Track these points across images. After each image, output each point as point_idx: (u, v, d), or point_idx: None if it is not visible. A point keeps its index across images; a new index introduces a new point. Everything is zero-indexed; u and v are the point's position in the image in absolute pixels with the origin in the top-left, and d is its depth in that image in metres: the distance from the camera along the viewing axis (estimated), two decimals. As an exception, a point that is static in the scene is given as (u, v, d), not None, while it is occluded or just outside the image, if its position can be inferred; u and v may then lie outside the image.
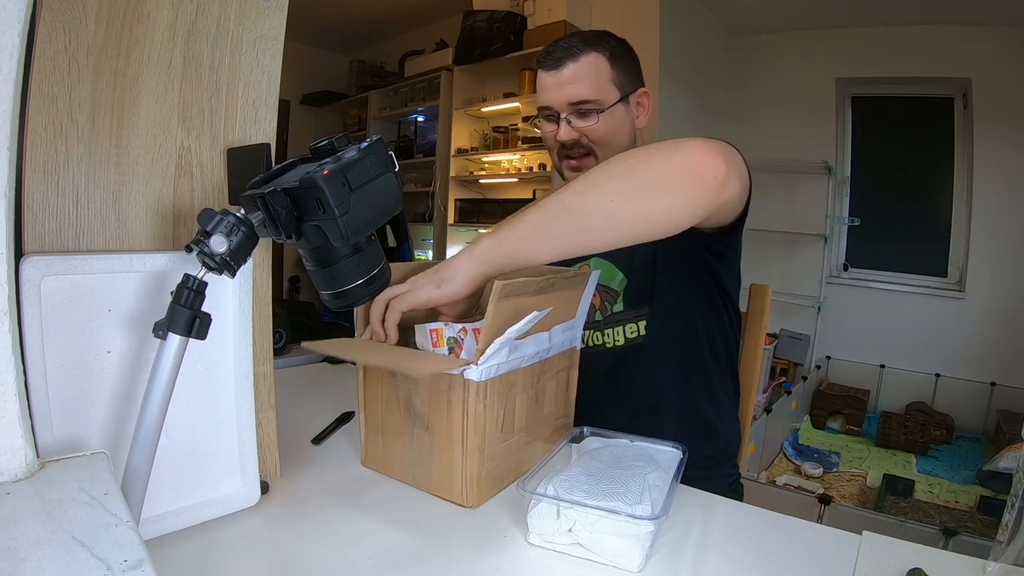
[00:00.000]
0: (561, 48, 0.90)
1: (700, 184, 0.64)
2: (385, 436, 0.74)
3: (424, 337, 0.70)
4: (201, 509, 0.61)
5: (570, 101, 0.90)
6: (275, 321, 0.73)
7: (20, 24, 0.38)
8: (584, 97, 0.89)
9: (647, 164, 0.65)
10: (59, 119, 0.54)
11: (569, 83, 0.89)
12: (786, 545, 0.63)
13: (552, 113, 0.92)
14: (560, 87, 0.90)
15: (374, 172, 0.51)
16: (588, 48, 0.89)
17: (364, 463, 0.78)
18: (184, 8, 0.61)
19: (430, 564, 0.57)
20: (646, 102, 0.96)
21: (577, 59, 0.88)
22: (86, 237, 0.57)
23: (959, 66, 3.04)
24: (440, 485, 0.69)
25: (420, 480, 0.71)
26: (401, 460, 0.73)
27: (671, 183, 0.64)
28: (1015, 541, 0.53)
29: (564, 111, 0.91)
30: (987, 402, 3.08)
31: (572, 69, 0.89)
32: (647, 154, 0.66)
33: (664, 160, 0.65)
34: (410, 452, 0.71)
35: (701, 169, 0.64)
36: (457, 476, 0.67)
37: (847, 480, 2.59)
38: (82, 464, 0.43)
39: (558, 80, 0.90)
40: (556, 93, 0.90)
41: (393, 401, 0.72)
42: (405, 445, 0.71)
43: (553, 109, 0.92)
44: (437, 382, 0.66)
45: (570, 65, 0.89)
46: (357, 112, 4.51)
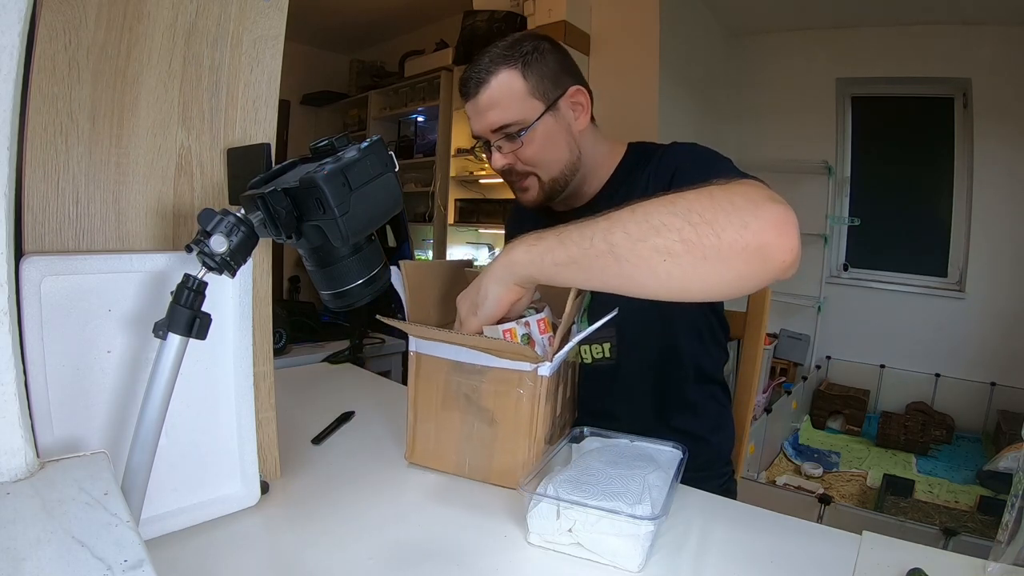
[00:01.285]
0: (473, 74, 0.85)
1: (766, 265, 0.55)
2: (439, 431, 0.76)
3: (497, 336, 0.72)
4: (201, 509, 0.61)
5: (492, 128, 0.86)
6: (275, 321, 0.73)
7: (20, 24, 0.38)
8: (504, 121, 0.84)
9: (714, 229, 0.55)
10: (59, 119, 0.54)
11: (487, 109, 0.85)
12: (786, 545, 0.63)
13: (485, 141, 0.89)
14: (480, 115, 0.86)
15: (374, 172, 0.51)
16: (497, 67, 0.84)
17: (409, 459, 0.79)
18: (184, 8, 0.61)
19: (430, 564, 0.57)
20: (583, 100, 0.90)
21: (488, 83, 0.84)
22: (86, 237, 0.57)
23: (959, 66, 3.04)
24: (502, 475, 0.72)
25: (478, 471, 0.74)
26: (457, 453, 0.75)
27: (735, 260, 0.55)
28: (1015, 541, 0.53)
29: (491, 139, 0.87)
30: (987, 402, 3.08)
31: (485, 95, 0.84)
32: (716, 214, 0.55)
33: (735, 230, 0.54)
34: (469, 445, 0.74)
35: (773, 248, 0.55)
36: (520, 465, 0.71)
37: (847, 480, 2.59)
38: (82, 464, 0.43)
39: (477, 108, 0.86)
40: (478, 122, 0.87)
41: (451, 397, 0.74)
42: (463, 439, 0.74)
43: (482, 138, 0.88)
44: (507, 377, 0.70)
45: (483, 91, 0.84)
46: (357, 112, 4.51)
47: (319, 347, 1.76)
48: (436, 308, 0.85)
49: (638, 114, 2.84)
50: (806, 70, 3.43)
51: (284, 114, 4.34)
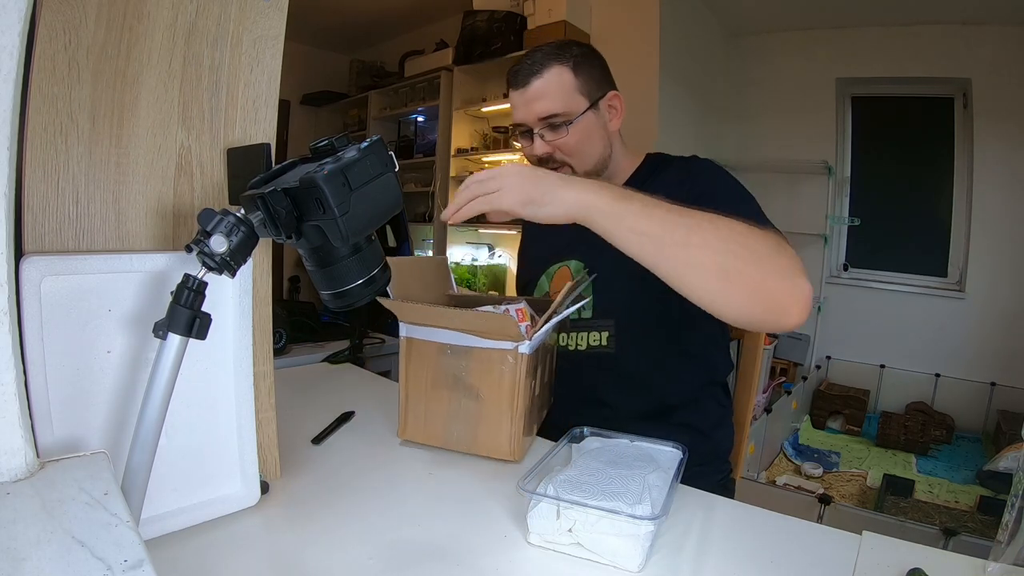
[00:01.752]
0: (526, 66, 0.92)
1: (779, 322, 0.66)
2: (428, 409, 0.83)
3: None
4: (201, 509, 0.61)
5: (539, 116, 0.92)
6: (275, 321, 0.73)
7: (20, 24, 0.38)
8: (552, 111, 0.91)
9: (773, 278, 0.65)
10: (59, 119, 0.54)
11: (536, 99, 0.92)
12: (786, 545, 0.63)
13: (526, 129, 0.95)
14: (528, 104, 0.92)
15: (374, 172, 0.51)
16: (551, 62, 0.91)
17: (402, 436, 0.85)
18: (184, 8, 0.61)
19: (430, 564, 0.57)
20: (618, 104, 0.98)
21: (541, 75, 0.91)
22: (86, 237, 0.57)
23: (959, 66, 3.04)
24: (487, 447, 0.80)
25: (464, 443, 0.82)
26: (445, 429, 0.83)
27: (767, 307, 0.65)
28: (1015, 541, 0.53)
29: (535, 127, 0.93)
30: (987, 402, 3.08)
31: (537, 85, 0.91)
32: (778, 267, 0.65)
33: (786, 290, 0.65)
34: (456, 421, 0.82)
35: (792, 316, 0.65)
36: (505, 437, 0.79)
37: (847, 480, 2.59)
38: (82, 464, 0.43)
39: (525, 97, 0.92)
40: (525, 110, 0.93)
41: (441, 378, 0.81)
42: (451, 415, 0.82)
43: (525, 126, 0.95)
44: (491, 356, 0.78)
45: (535, 82, 0.91)
46: (357, 112, 4.51)
47: (319, 347, 1.76)
48: (420, 300, 0.89)
49: (638, 114, 2.84)
50: (806, 70, 3.42)
51: (284, 114, 4.34)
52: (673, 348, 0.93)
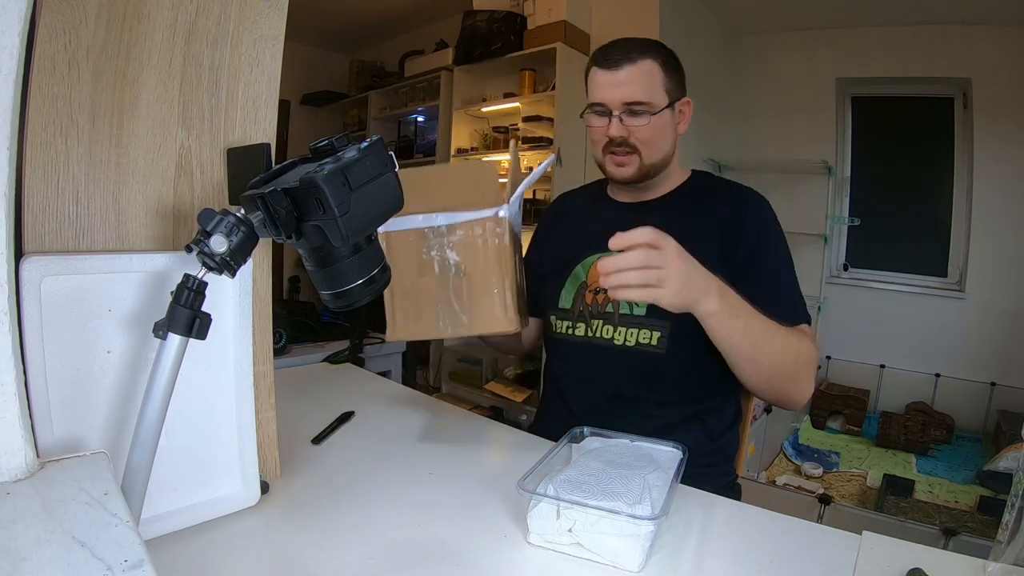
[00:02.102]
0: (619, 50, 0.95)
1: (784, 406, 0.92)
2: (417, 299, 0.82)
3: None
4: (201, 509, 0.61)
5: (625, 101, 0.94)
6: (275, 321, 0.73)
7: (20, 24, 0.38)
8: (638, 98, 0.94)
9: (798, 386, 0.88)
10: (59, 119, 0.54)
11: (625, 83, 0.94)
12: (786, 545, 0.63)
13: (604, 110, 0.96)
14: (616, 86, 0.94)
15: (374, 172, 0.51)
16: (644, 54, 0.94)
17: (394, 336, 0.83)
18: (184, 8, 0.61)
19: (430, 564, 0.57)
20: (687, 111, 1.02)
21: (634, 63, 0.94)
22: (86, 237, 0.57)
23: (959, 66, 3.04)
24: (483, 322, 0.79)
25: (461, 326, 0.80)
26: (438, 315, 0.81)
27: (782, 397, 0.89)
28: (1015, 541, 0.53)
29: (617, 109, 0.95)
30: (987, 402, 3.08)
31: (629, 71, 0.94)
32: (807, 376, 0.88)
33: (798, 392, 0.88)
34: (447, 305, 0.81)
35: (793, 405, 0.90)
36: (499, 306, 0.78)
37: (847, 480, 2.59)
38: (82, 464, 0.43)
39: (615, 79, 0.94)
40: (612, 91, 0.95)
41: (424, 265, 0.81)
42: (441, 300, 0.81)
43: (606, 106, 0.96)
44: (471, 228, 0.78)
45: (627, 67, 0.94)
46: (357, 112, 4.51)
47: (319, 347, 1.76)
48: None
49: (638, 114, 2.83)
50: (806, 70, 3.42)
51: (284, 114, 4.34)
52: (716, 360, 0.93)
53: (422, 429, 0.97)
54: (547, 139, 3.11)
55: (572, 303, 1.02)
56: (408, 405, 1.10)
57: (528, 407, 3.20)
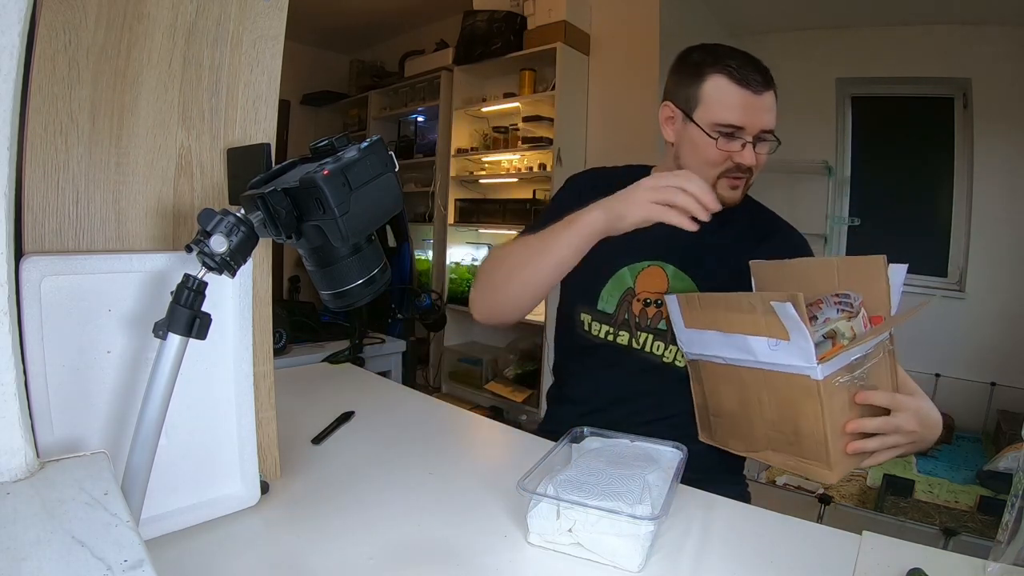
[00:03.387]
0: (761, 72, 0.89)
1: None
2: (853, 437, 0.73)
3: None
4: (201, 509, 0.61)
5: (764, 128, 0.89)
6: (275, 321, 0.73)
7: (20, 24, 0.38)
8: (773, 126, 0.90)
9: None
10: (59, 119, 0.54)
11: (767, 110, 0.89)
12: (786, 545, 0.63)
13: (739, 133, 0.89)
14: (760, 112, 0.89)
15: (374, 172, 0.51)
16: (772, 80, 0.90)
17: (836, 478, 0.72)
18: (184, 8, 0.61)
19: (430, 564, 0.57)
20: None
21: (771, 88, 0.90)
22: (86, 237, 0.57)
23: (959, 66, 3.03)
24: None
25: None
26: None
27: None
28: (1015, 541, 0.53)
29: (752, 135, 0.89)
30: (987, 402, 3.08)
31: (770, 97, 0.89)
32: None
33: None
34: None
35: None
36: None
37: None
38: (82, 464, 0.43)
39: (761, 104, 0.88)
40: (754, 116, 0.88)
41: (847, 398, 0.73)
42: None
43: (743, 130, 0.88)
44: (878, 352, 0.76)
45: (767, 93, 0.89)
46: (357, 112, 4.51)
47: (319, 347, 1.76)
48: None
49: (638, 114, 2.84)
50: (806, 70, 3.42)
51: (284, 114, 4.34)
52: None
53: (422, 429, 0.97)
54: (547, 139, 3.11)
55: (616, 308, 0.98)
56: (408, 405, 1.10)
57: (528, 407, 3.20)
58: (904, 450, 0.73)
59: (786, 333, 0.66)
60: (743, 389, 0.76)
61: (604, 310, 0.98)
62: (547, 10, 3.03)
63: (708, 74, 0.89)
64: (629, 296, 0.97)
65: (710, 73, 0.89)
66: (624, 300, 0.97)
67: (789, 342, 0.67)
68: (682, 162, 0.95)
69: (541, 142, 3.14)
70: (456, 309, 3.57)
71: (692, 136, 0.91)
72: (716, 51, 0.91)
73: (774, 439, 0.74)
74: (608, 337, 0.97)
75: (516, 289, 0.90)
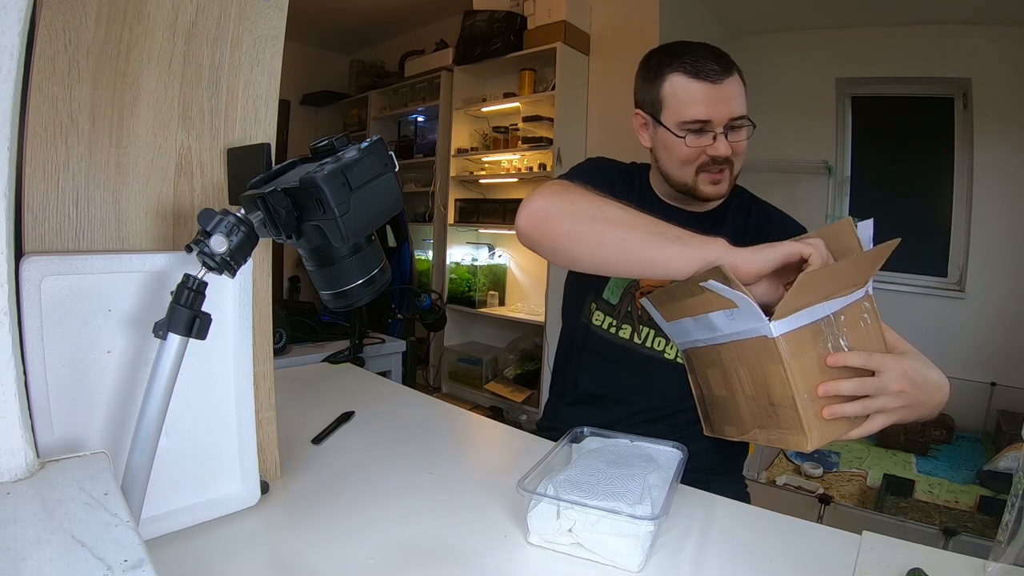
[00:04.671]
0: (717, 60, 0.87)
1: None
2: (828, 399, 0.70)
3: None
4: (201, 509, 0.61)
5: (732, 116, 0.88)
6: (275, 321, 0.73)
7: (20, 24, 0.38)
8: (742, 112, 0.89)
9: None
10: (59, 119, 0.54)
11: (731, 98, 0.87)
12: (786, 545, 0.63)
13: (706, 127, 0.87)
14: (725, 100, 0.87)
15: (374, 172, 0.51)
16: (733, 66, 0.88)
17: (813, 446, 0.69)
18: (184, 8, 0.61)
19: (430, 564, 0.57)
20: None
21: (732, 74, 0.88)
22: (86, 237, 0.57)
23: (959, 66, 3.03)
24: None
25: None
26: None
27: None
28: (1015, 541, 0.53)
29: (721, 126, 0.88)
30: (987, 402, 3.08)
31: (732, 83, 0.87)
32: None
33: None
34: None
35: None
36: None
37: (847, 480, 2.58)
38: (82, 464, 0.43)
39: (723, 93, 0.86)
40: (718, 106, 0.87)
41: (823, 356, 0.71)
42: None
43: (710, 123, 0.87)
44: (854, 308, 0.72)
45: (729, 80, 0.87)
46: (357, 112, 4.51)
47: (319, 347, 1.76)
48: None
49: (638, 114, 2.83)
50: (806, 70, 3.42)
51: (284, 114, 4.34)
52: None
53: (422, 429, 0.97)
54: (547, 139, 3.11)
55: (620, 300, 0.97)
56: (408, 405, 1.10)
57: (528, 407, 3.20)
58: (900, 415, 0.69)
59: (732, 302, 0.66)
60: (724, 370, 0.77)
61: (609, 300, 0.98)
62: (547, 10, 3.03)
63: (666, 74, 0.88)
64: (633, 289, 0.97)
65: (667, 73, 0.88)
66: (628, 292, 0.97)
67: (739, 308, 0.66)
68: (660, 165, 0.95)
69: (541, 142, 3.14)
70: (456, 309, 3.57)
71: (663, 139, 0.91)
72: (671, 50, 0.90)
73: (757, 415, 0.74)
74: (611, 329, 0.97)
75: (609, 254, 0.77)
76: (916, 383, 0.69)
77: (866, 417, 0.69)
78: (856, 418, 0.69)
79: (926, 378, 0.71)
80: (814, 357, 0.67)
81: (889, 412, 0.68)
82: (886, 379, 0.67)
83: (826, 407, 0.66)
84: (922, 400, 0.70)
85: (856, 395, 0.67)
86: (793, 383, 0.65)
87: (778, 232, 0.97)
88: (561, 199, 0.80)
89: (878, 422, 0.69)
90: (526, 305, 3.58)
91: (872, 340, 0.72)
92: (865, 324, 0.72)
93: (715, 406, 0.84)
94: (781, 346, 0.64)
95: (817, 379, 0.66)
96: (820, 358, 0.67)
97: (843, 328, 0.69)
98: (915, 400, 0.69)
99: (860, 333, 0.71)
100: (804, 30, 3.39)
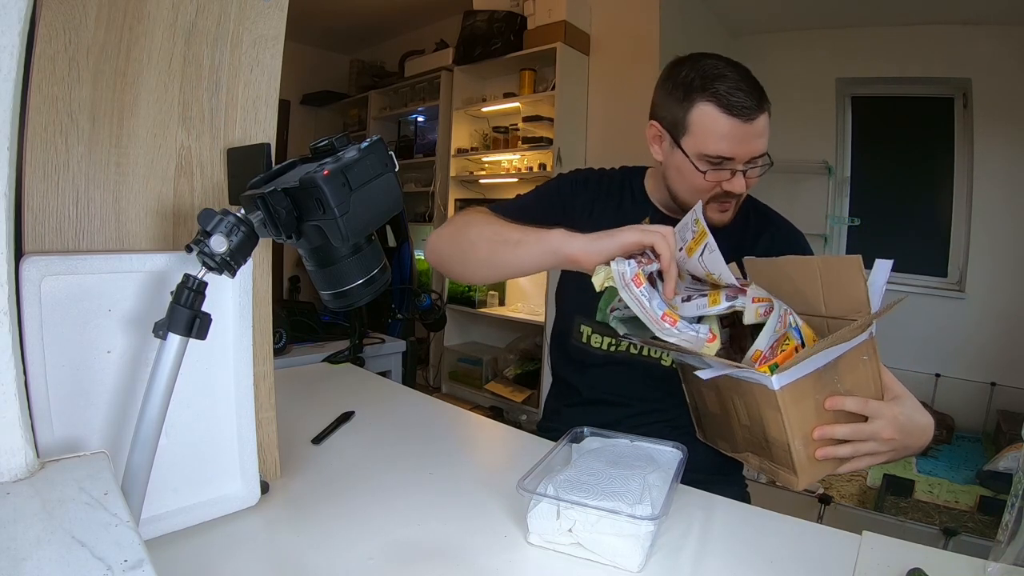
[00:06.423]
0: (750, 94, 0.83)
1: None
2: (819, 442, 0.71)
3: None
4: (201, 509, 0.61)
5: (755, 155, 0.85)
6: (275, 321, 0.73)
7: (20, 24, 0.38)
8: (765, 150, 0.86)
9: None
10: (59, 119, 0.54)
11: (758, 136, 0.84)
12: (786, 545, 0.63)
13: (725, 163, 0.85)
14: (749, 140, 0.84)
15: (374, 172, 0.51)
16: (765, 100, 0.85)
17: (803, 485, 0.70)
18: (184, 8, 0.61)
19: (430, 564, 0.57)
20: None
21: (764, 110, 0.84)
22: (86, 237, 0.57)
23: (959, 66, 3.03)
24: None
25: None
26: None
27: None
28: (1015, 541, 0.53)
29: (742, 164, 0.85)
30: (987, 402, 3.08)
31: (761, 121, 0.84)
32: None
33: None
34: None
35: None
36: None
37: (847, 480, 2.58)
38: (82, 464, 0.43)
39: (752, 132, 0.83)
40: (744, 146, 0.83)
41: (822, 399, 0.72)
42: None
43: (732, 161, 0.84)
44: (852, 355, 0.72)
45: (759, 117, 0.83)
46: (357, 112, 4.51)
47: (319, 347, 1.76)
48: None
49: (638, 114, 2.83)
50: (806, 70, 3.42)
51: (284, 114, 4.34)
52: None
53: (422, 429, 0.97)
54: (547, 139, 3.11)
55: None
56: (408, 405, 1.10)
57: (528, 407, 3.20)
58: (885, 458, 0.71)
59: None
60: (720, 395, 0.77)
61: (604, 321, 0.97)
62: (547, 10, 3.03)
63: (696, 100, 0.84)
64: None
65: (699, 99, 0.84)
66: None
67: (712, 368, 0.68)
68: (669, 184, 0.93)
69: (541, 142, 3.14)
70: (456, 309, 3.57)
71: (679, 163, 0.88)
72: (705, 70, 0.85)
73: (751, 442, 0.74)
74: (610, 348, 0.97)
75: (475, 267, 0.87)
76: (905, 430, 0.71)
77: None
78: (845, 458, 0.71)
79: (915, 423, 0.73)
80: (812, 403, 0.68)
81: (877, 455, 0.71)
82: (878, 426, 0.69)
83: (819, 448, 0.68)
84: (908, 444, 0.73)
85: (848, 439, 0.69)
86: (790, 431, 0.66)
87: (775, 236, 0.97)
88: (443, 230, 0.92)
89: (864, 462, 0.71)
90: (526, 305, 3.58)
91: (869, 380, 0.73)
92: (864, 365, 0.73)
93: (708, 418, 0.84)
94: (781, 398, 0.65)
95: (813, 422, 0.68)
96: (818, 402, 0.68)
97: (843, 371, 0.70)
98: (901, 445, 0.71)
99: (858, 375, 0.72)
100: (804, 30, 3.39)
